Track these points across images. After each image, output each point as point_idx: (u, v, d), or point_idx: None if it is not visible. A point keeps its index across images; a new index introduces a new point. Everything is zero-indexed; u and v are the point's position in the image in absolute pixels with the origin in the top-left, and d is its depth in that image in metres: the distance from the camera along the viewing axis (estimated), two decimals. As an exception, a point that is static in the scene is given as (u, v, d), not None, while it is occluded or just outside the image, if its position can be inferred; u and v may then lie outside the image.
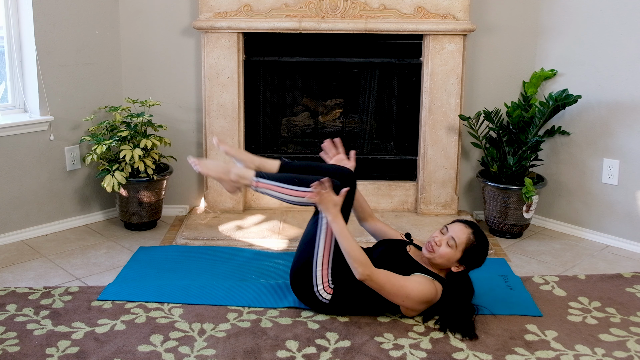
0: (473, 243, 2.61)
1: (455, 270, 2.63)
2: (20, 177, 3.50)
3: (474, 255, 2.62)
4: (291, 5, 3.60)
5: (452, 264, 2.63)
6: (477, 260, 2.64)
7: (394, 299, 2.56)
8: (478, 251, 2.62)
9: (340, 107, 4.05)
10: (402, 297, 2.55)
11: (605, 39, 3.49)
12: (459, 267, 2.63)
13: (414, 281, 2.57)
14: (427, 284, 2.58)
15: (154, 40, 3.78)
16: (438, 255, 2.62)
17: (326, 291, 2.63)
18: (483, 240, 2.65)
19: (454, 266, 2.63)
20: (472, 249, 2.61)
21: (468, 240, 2.61)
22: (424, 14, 3.58)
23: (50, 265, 3.24)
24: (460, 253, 2.60)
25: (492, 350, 2.45)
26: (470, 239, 2.61)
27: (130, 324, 2.61)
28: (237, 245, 3.45)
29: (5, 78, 3.55)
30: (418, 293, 2.55)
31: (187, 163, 3.88)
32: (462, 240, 2.61)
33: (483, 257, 2.66)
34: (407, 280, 2.57)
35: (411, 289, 2.55)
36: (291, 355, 2.40)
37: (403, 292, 2.54)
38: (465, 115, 3.61)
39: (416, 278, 2.59)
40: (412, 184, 3.90)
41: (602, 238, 3.63)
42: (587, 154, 3.64)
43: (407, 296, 2.54)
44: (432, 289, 2.58)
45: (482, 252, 2.64)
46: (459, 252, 2.60)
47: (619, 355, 2.45)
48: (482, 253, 2.64)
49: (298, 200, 2.64)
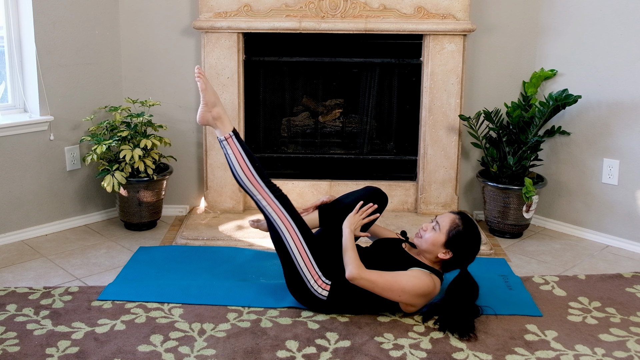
0: (458, 227, 2.60)
1: (442, 257, 2.61)
2: (20, 177, 3.50)
3: (460, 240, 2.59)
4: (291, 5, 3.60)
5: (437, 248, 2.61)
6: (464, 247, 2.61)
7: (390, 295, 2.56)
8: (465, 237, 2.60)
9: (340, 107, 4.05)
10: (397, 292, 2.55)
11: (605, 39, 3.49)
12: (445, 253, 2.60)
13: (407, 275, 2.57)
14: (423, 277, 2.57)
15: (154, 40, 3.78)
16: (424, 240, 2.63)
17: (321, 286, 2.63)
18: (471, 227, 2.63)
19: (440, 252, 2.61)
20: (457, 234, 2.59)
21: (452, 223, 2.61)
22: (424, 14, 3.58)
23: (50, 265, 3.24)
24: (444, 236, 2.59)
25: (492, 350, 2.45)
26: (454, 222, 2.61)
27: (130, 324, 2.61)
28: (237, 245, 3.45)
29: (5, 78, 3.55)
30: (413, 286, 2.55)
31: (188, 163, 3.92)
32: (446, 222, 2.62)
33: (472, 245, 2.63)
34: (400, 274, 2.57)
35: (405, 282, 2.55)
36: (291, 355, 2.40)
37: (397, 286, 2.54)
38: (465, 115, 3.61)
39: (411, 272, 2.59)
40: (412, 184, 3.90)
41: (602, 238, 3.63)
42: (587, 154, 3.64)
43: (402, 290, 2.55)
44: (429, 282, 2.58)
45: (470, 238, 2.61)
46: (443, 234, 2.60)
47: (619, 355, 2.45)
48: (469, 240, 2.61)
49: (244, 182, 2.67)
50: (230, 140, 2.68)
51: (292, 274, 2.67)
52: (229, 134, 2.69)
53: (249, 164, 2.67)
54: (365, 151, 4.02)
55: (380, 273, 2.55)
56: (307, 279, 2.64)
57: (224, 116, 2.73)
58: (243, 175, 2.67)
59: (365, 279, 2.53)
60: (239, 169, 2.67)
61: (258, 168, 2.69)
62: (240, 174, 2.67)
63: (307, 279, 2.64)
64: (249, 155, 2.69)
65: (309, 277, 2.64)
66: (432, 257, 2.65)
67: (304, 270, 2.64)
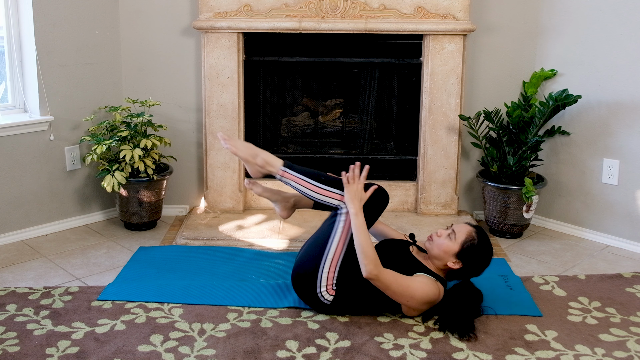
0: (474, 240, 2.59)
1: (451, 266, 2.60)
2: (20, 177, 3.50)
3: (473, 254, 2.60)
4: (291, 5, 3.60)
5: (449, 257, 2.60)
6: (475, 261, 2.61)
7: (399, 298, 2.55)
8: (478, 251, 2.60)
9: (340, 107, 4.05)
10: (407, 297, 2.54)
11: (605, 39, 3.49)
12: (455, 263, 2.60)
13: (418, 281, 2.56)
14: (430, 284, 2.57)
15: (154, 40, 3.78)
16: (436, 245, 2.62)
17: (329, 293, 2.63)
18: (485, 243, 2.62)
19: (450, 261, 2.60)
20: (471, 247, 2.59)
21: (469, 235, 2.60)
22: (424, 14, 3.58)
23: (50, 265, 3.24)
24: (458, 246, 2.59)
25: (492, 350, 2.45)
26: (471, 235, 2.60)
27: (130, 324, 2.61)
28: (237, 245, 3.45)
29: (5, 78, 3.55)
30: (422, 293, 2.55)
31: (188, 163, 3.92)
32: (462, 233, 2.61)
33: (483, 261, 2.62)
34: (412, 280, 2.56)
35: (416, 289, 2.54)
36: (291, 355, 2.40)
37: (408, 293, 2.54)
38: (465, 115, 3.61)
39: (420, 278, 2.58)
40: (412, 184, 3.90)
41: (602, 238, 3.63)
42: (587, 154, 3.64)
43: (412, 296, 2.54)
44: (436, 290, 2.58)
45: (483, 254, 2.61)
46: (457, 244, 2.59)
47: (619, 355, 2.45)
48: (482, 255, 2.61)
49: (320, 198, 2.65)
50: (286, 174, 2.67)
51: (306, 273, 2.63)
52: (281, 170, 2.67)
53: (313, 181, 2.65)
54: (365, 151, 4.02)
55: (395, 277, 2.53)
56: (321, 284, 2.62)
57: (267, 157, 2.71)
58: (315, 194, 2.65)
59: (381, 280, 2.51)
60: (309, 191, 2.66)
61: (319, 176, 2.67)
62: (312, 194, 2.66)
63: (321, 284, 2.62)
64: (307, 173, 2.68)
65: (323, 284, 2.61)
66: (440, 264, 2.65)
67: (322, 275, 2.61)
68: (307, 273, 2.63)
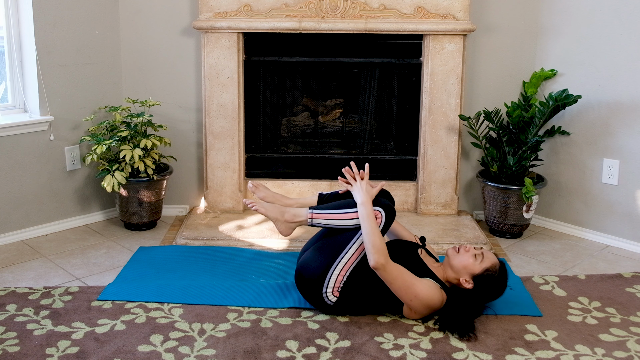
0: (495, 272, 2.61)
1: (463, 283, 2.60)
2: (20, 177, 3.50)
3: (489, 283, 2.61)
4: (291, 5, 3.60)
5: (466, 274, 2.60)
6: (486, 290, 2.62)
7: (402, 295, 2.55)
8: (493, 283, 2.62)
9: (340, 107, 4.05)
10: (410, 296, 2.54)
11: (605, 39, 3.49)
12: (468, 282, 2.60)
13: (424, 283, 2.56)
14: (435, 289, 2.57)
15: (154, 40, 3.78)
16: (460, 258, 2.62)
17: (334, 294, 2.62)
18: (503, 280, 2.64)
19: (464, 277, 2.60)
20: (491, 277, 2.60)
21: (494, 265, 2.62)
22: (424, 14, 3.58)
23: (50, 265, 3.24)
24: (480, 269, 2.59)
25: (492, 350, 2.45)
26: (495, 266, 2.62)
27: (130, 324, 2.61)
28: (237, 245, 3.45)
29: (5, 78, 3.55)
30: (426, 296, 2.54)
31: (188, 163, 3.92)
32: (489, 260, 2.63)
33: (493, 293, 2.64)
34: (419, 280, 2.56)
35: (420, 289, 2.54)
36: (291, 355, 2.40)
37: (412, 291, 2.53)
38: (465, 115, 3.61)
39: (426, 281, 2.58)
40: (412, 184, 3.90)
41: (602, 238, 3.63)
42: (587, 154, 3.64)
43: (415, 296, 2.54)
44: (439, 296, 2.58)
45: (496, 287, 2.63)
46: (480, 267, 2.60)
47: (619, 355, 2.45)
48: (495, 288, 2.63)
49: (355, 223, 2.63)
50: (316, 215, 2.67)
51: (314, 273, 2.62)
52: (310, 215, 2.67)
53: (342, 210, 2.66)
54: (365, 151, 4.02)
55: (401, 272, 2.53)
56: (328, 285, 2.61)
57: (294, 210, 2.72)
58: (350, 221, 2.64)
59: (387, 272, 2.50)
60: (343, 221, 2.65)
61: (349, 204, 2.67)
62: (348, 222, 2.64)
63: (328, 285, 2.61)
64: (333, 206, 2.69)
65: (329, 285, 2.61)
66: (452, 276, 2.64)
67: (332, 277, 2.60)
68: (314, 272, 2.62)
